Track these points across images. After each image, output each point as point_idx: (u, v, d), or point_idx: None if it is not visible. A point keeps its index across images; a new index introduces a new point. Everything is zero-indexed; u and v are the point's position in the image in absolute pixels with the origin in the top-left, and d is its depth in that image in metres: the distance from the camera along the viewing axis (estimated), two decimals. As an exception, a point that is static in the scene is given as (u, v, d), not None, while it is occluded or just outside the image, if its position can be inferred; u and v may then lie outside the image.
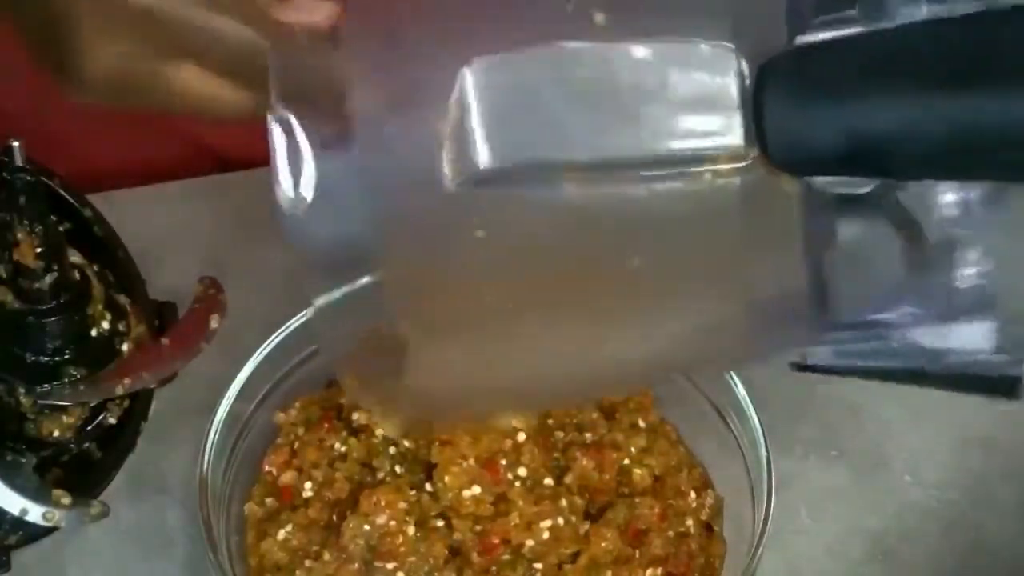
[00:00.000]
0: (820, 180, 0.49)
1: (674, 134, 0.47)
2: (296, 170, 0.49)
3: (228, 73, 0.54)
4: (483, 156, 0.47)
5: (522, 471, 0.65)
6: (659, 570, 0.64)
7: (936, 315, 0.53)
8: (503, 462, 0.65)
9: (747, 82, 0.46)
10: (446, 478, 0.64)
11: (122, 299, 0.70)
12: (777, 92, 0.46)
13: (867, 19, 0.47)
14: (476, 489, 0.64)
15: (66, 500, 0.64)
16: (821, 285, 0.50)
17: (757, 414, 0.67)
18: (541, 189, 0.47)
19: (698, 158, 0.47)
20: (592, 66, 0.47)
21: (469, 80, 0.46)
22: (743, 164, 0.47)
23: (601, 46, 0.47)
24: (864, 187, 0.49)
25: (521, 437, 0.66)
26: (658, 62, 0.47)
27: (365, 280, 0.51)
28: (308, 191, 0.49)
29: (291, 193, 0.49)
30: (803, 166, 0.47)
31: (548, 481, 0.65)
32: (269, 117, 0.49)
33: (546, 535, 0.63)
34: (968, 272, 0.52)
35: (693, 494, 0.67)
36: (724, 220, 0.48)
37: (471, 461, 0.64)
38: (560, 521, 0.64)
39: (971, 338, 0.53)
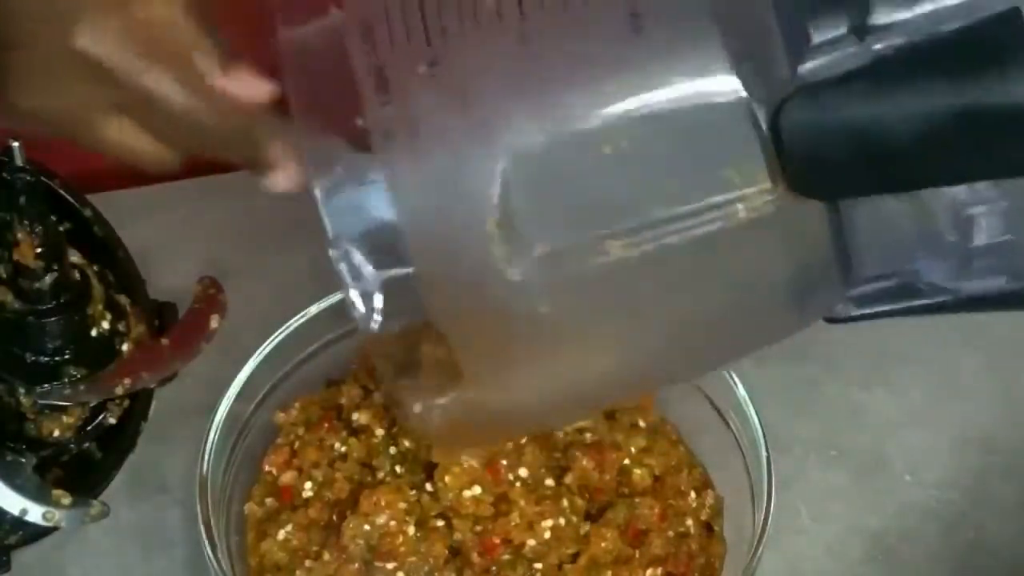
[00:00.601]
0: None
1: (703, 186, 0.49)
2: (366, 296, 0.51)
3: (158, 132, 0.56)
4: (536, 244, 0.49)
5: (523, 472, 0.65)
6: (659, 570, 0.64)
7: (950, 265, 0.55)
8: (504, 462, 0.65)
9: (762, 122, 0.48)
10: (447, 478, 0.64)
11: (122, 299, 0.70)
12: (794, 137, 0.48)
13: (859, 36, 0.48)
14: (477, 489, 0.64)
15: (66, 500, 0.64)
16: (843, 250, 0.53)
17: (757, 414, 0.67)
18: (591, 258, 0.49)
19: (730, 201, 0.49)
20: (615, 138, 0.49)
21: (507, 173, 0.48)
22: (772, 198, 0.49)
23: (620, 117, 0.49)
24: None
25: (522, 438, 0.66)
26: (674, 123, 0.49)
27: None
28: (379, 315, 0.52)
29: (369, 320, 0.52)
30: (833, 195, 0.50)
31: (549, 482, 0.65)
32: (332, 252, 0.51)
33: (547, 535, 0.63)
34: (978, 232, 0.54)
35: (693, 494, 0.67)
36: (761, 237, 0.51)
37: (472, 462, 0.64)
38: (561, 521, 0.64)
39: (987, 274, 0.55)
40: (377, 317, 0.52)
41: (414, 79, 0.49)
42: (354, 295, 0.51)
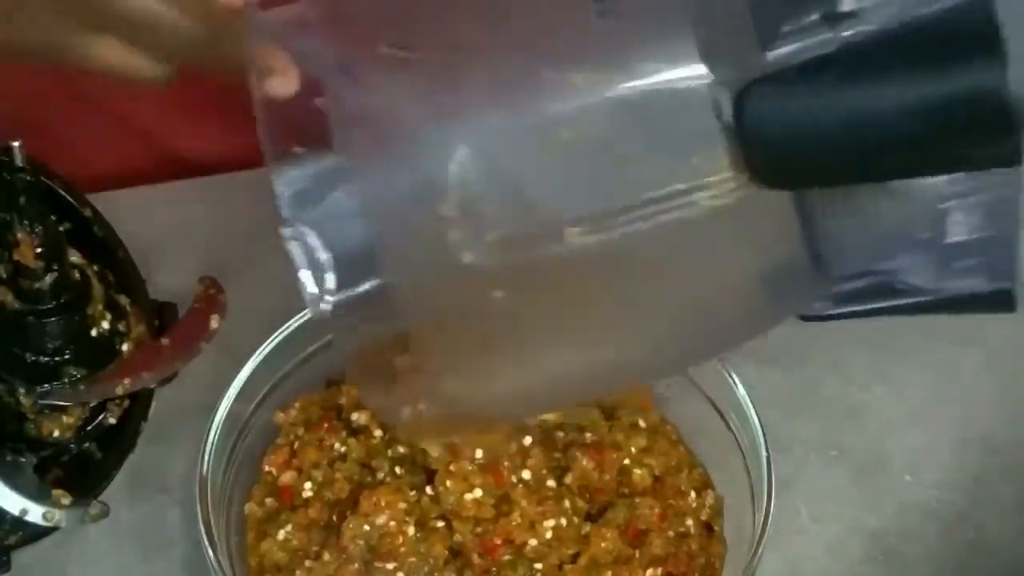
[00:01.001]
0: None
1: (665, 175, 0.48)
2: (319, 276, 0.52)
3: (146, 46, 0.56)
4: (490, 229, 0.48)
5: (526, 474, 0.65)
6: (659, 570, 0.64)
7: (928, 264, 0.55)
8: (506, 464, 0.65)
9: (725, 111, 0.47)
10: (448, 483, 0.64)
11: (122, 299, 0.70)
12: (757, 121, 0.47)
13: (830, 23, 0.47)
14: (478, 492, 0.64)
15: (66, 500, 0.64)
16: (815, 246, 0.52)
17: (757, 414, 0.67)
18: (549, 245, 0.49)
19: (691, 189, 0.48)
20: (577, 125, 0.48)
21: (465, 158, 0.48)
22: (735, 186, 0.48)
23: (583, 104, 0.48)
24: None
25: (527, 441, 0.66)
26: (638, 111, 0.48)
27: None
28: (332, 295, 0.52)
29: (319, 300, 0.52)
30: (797, 184, 0.49)
31: (550, 483, 0.65)
32: (284, 231, 0.52)
33: (549, 535, 0.63)
34: (954, 227, 0.54)
35: (693, 494, 0.67)
36: (725, 227, 0.50)
37: (474, 465, 0.64)
38: (563, 521, 0.64)
39: (965, 274, 0.56)
40: (328, 298, 0.51)
41: (376, 62, 0.49)
42: (305, 275, 0.51)
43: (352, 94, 0.49)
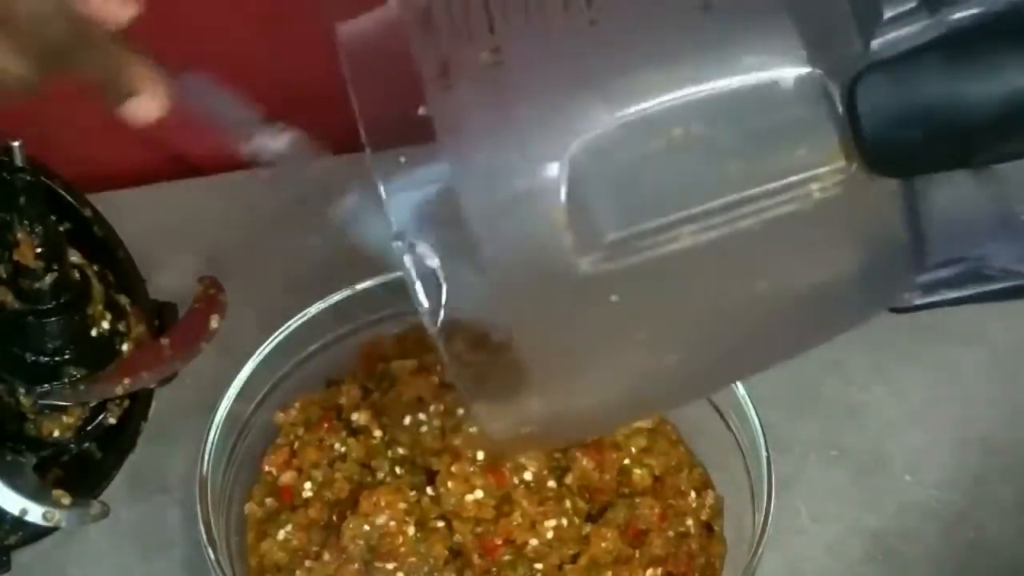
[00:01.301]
0: None
1: (774, 169, 0.49)
2: (432, 290, 0.50)
3: (18, 48, 0.55)
4: (606, 229, 0.48)
5: (528, 475, 0.65)
6: (659, 570, 0.64)
7: (1018, 245, 0.55)
8: (508, 465, 0.65)
9: (836, 99, 0.48)
10: (449, 484, 0.64)
11: (122, 299, 0.70)
12: (870, 111, 0.48)
13: (930, 7, 0.48)
14: (479, 493, 0.63)
15: (66, 500, 0.64)
16: (916, 233, 0.52)
17: (757, 414, 0.67)
18: (662, 246, 0.49)
19: (801, 182, 0.49)
20: (686, 120, 0.48)
21: (576, 160, 0.48)
22: (843, 177, 0.49)
23: (688, 100, 0.48)
24: None
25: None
26: (744, 104, 0.48)
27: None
28: (445, 310, 0.51)
29: (435, 315, 0.50)
30: (910, 171, 0.49)
31: (551, 483, 0.65)
32: (396, 246, 0.51)
33: (550, 535, 0.63)
34: None
35: (693, 494, 0.67)
36: (834, 219, 0.50)
37: (475, 466, 0.64)
38: (564, 521, 0.64)
39: None
40: (443, 312, 0.51)
41: (476, 67, 0.49)
42: (419, 290, 0.50)
43: (453, 101, 0.49)
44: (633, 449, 0.67)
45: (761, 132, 0.49)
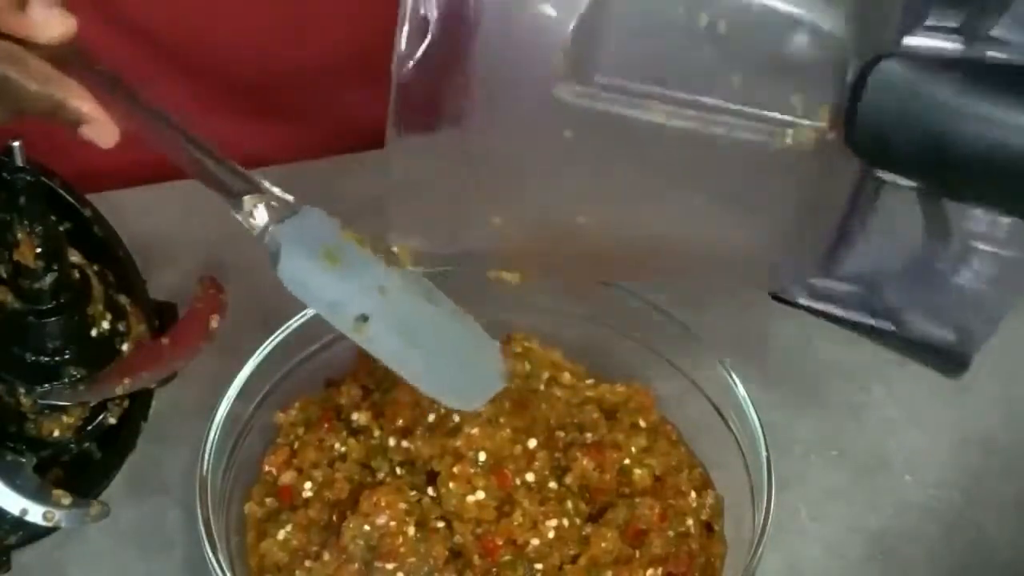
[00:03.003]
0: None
1: (768, 96, 0.51)
2: (415, 32, 0.51)
3: None
4: (603, 67, 0.50)
5: (530, 476, 0.65)
6: (659, 570, 0.64)
7: (924, 294, 0.58)
8: (511, 466, 0.65)
9: (850, 68, 0.50)
10: (451, 484, 0.64)
11: (122, 299, 0.70)
12: (879, 92, 0.50)
13: (969, 35, 0.50)
14: (480, 495, 0.64)
15: (66, 500, 0.64)
16: (842, 237, 0.55)
17: (757, 414, 0.67)
18: (633, 110, 0.51)
19: (783, 123, 0.51)
20: (717, 13, 0.51)
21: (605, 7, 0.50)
22: (819, 138, 0.51)
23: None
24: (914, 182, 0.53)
25: (532, 444, 0.66)
26: (778, 23, 0.50)
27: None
28: (414, 62, 0.52)
29: (405, 60, 0.51)
30: (883, 163, 0.52)
31: (552, 484, 0.65)
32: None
33: (551, 535, 0.63)
34: (970, 276, 0.56)
35: (693, 494, 0.67)
36: (787, 170, 0.52)
37: (477, 468, 0.64)
38: (564, 522, 0.64)
39: (940, 322, 0.58)
40: (410, 63, 0.51)
41: None
42: (407, 29, 0.51)
43: None
44: (633, 449, 0.67)
45: (773, 60, 0.51)
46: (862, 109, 0.50)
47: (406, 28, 0.51)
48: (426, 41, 0.51)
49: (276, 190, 0.59)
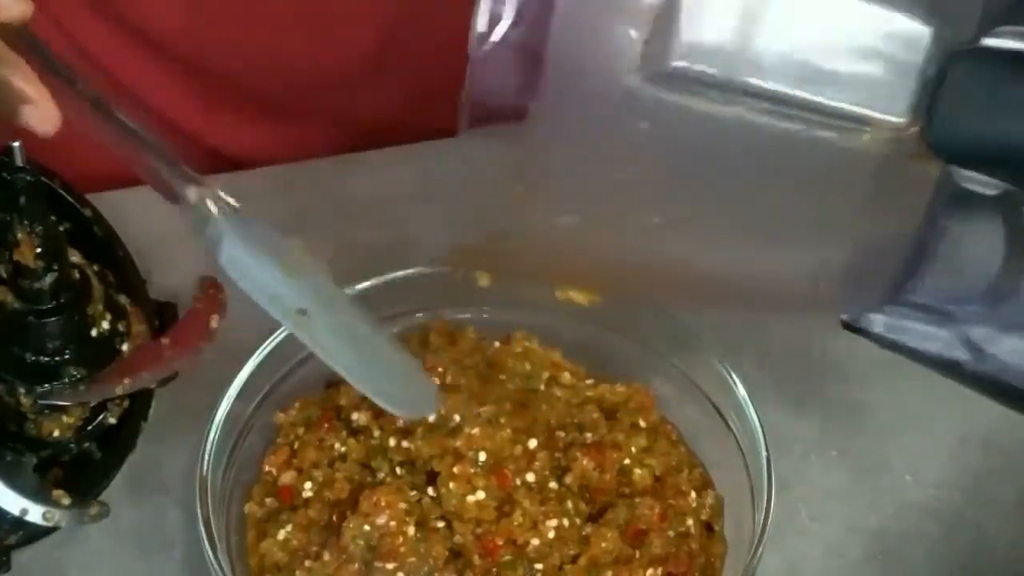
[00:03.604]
0: (963, 172, 0.53)
1: (847, 92, 0.51)
2: (497, 12, 0.51)
3: None
4: (680, 54, 0.50)
5: (530, 476, 0.65)
6: (659, 570, 0.64)
7: (1001, 324, 0.56)
8: (511, 467, 0.65)
9: (929, 65, 0.50)
10: (451, 484, 0.64)
11: (122, 299, 0.70)
12: (959, 88, 0.50)
13: None
14: (481, 495, 0.64)
15: (66, 500, 0.64)
16: (918, 260, 0.54)
17: (757, 414, 0.67)
18: (708, 103, 0.50)
19: (862, 118, 0.50)
20: (804, 8, 0.50)
21: None
22: (898, 135, 0.50)
23: None
24: (996, 190, 0.53)
25: (532, 444, 0.66)
26: (861, 22, 0.50)
27: None
28: (499, 34, 0.51)
29: (482, 41, 0.51)
30: (962, 160, 0.51)
31: (552, 484, 0.65)
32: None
33: (552, 535, 0.63)
34: None
35: (693, 494, 0.67)
36: (861, 173, 0.52)
37: (478, 468, 0.64)
38: (565, 522, 0.64)
39: (1018, 352, 0.56)
40: (494, 38, 0.51)
41: None
42: (484, 8, 0.51)
43: None
44: (633, 449, 0.67)
45: (856, 53, 0.50)
46: (941, 104, 0.50)
47: (483, 6, 0.51)
48: (506, 20, 0.51)
49: (223, 195, 0.60)
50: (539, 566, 0.63)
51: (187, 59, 0.85)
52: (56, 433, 0.67)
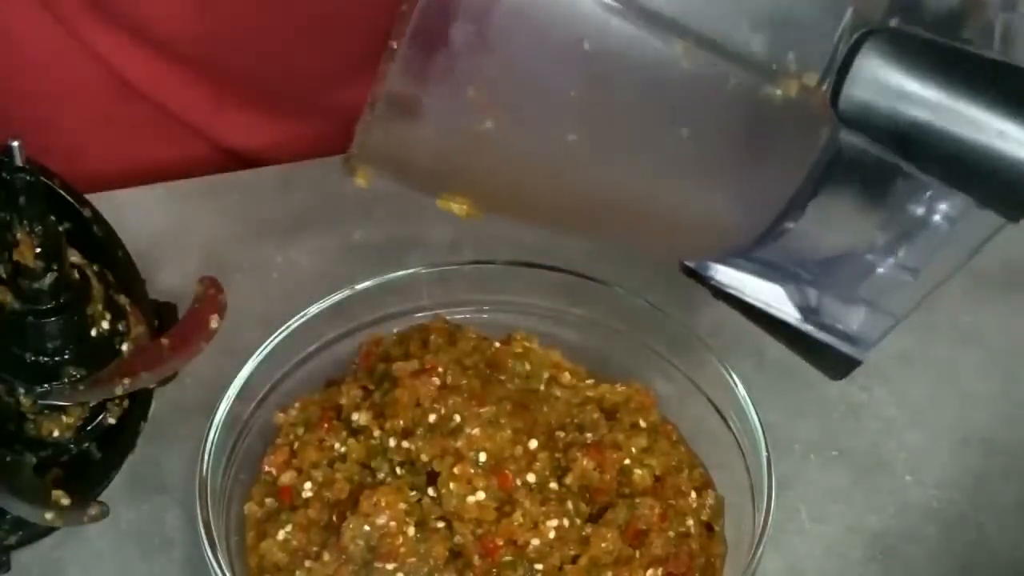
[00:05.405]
0: (851, 140, 0.55)
1: (772, 49, 0.53)
2: None
3: None
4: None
5: (531, 476, 0.65)
6: (659, 570, 0.64)
7: (839, 285, 0.60)
8: (511, 467, 0.65)
9: (847, 33, 0.53)
10: (451, 485, 0.64)
11: (122, 299, 0.70)
12: (869, 60, 0.53)
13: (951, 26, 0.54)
14: (481, 495, 0.63)
15: (66, 500, 0.64)
16: (786, 215, 0.57)
17: (757, 414, 0.67)
18: (653, 37, 0.52)
19: (775, 73, 0.53)
20: None
21: None
22: (803, 94, 0.53)
23: None
24: (877, 160, 0.56)
25: (533, 445, 0.66)
26: None
27: None
28: None
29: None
30: (860, 126, 0.54)
31: (552, 485, 0.65)
32: None
33: (552, 535, 0.63)
34: (897, 267, 0.59)
35: (694, 494, 0.67)
36: (759, 122, 0.54)
37: (478, 469, 0.64)
38: (565, 522, 0.64)
39: (843, 316, 0.61)
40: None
41: None
42: None
43: None
44: (633, 449, 0.67)
45: (783, 9, 0.53)
46: (852, 75, 0.53)
47: None
48: None
49: None
50: (539, 566, 0.63)
51: (195, 58, 0.85)
52: (56, 433, 0.67)
